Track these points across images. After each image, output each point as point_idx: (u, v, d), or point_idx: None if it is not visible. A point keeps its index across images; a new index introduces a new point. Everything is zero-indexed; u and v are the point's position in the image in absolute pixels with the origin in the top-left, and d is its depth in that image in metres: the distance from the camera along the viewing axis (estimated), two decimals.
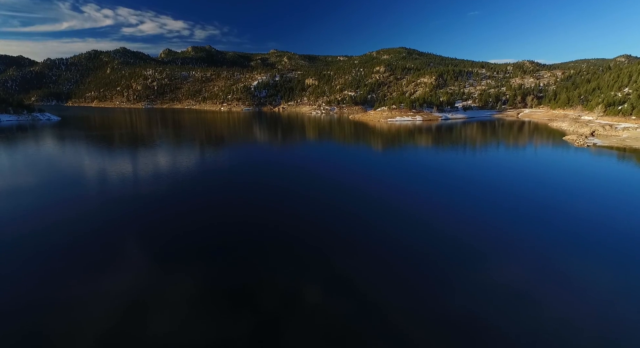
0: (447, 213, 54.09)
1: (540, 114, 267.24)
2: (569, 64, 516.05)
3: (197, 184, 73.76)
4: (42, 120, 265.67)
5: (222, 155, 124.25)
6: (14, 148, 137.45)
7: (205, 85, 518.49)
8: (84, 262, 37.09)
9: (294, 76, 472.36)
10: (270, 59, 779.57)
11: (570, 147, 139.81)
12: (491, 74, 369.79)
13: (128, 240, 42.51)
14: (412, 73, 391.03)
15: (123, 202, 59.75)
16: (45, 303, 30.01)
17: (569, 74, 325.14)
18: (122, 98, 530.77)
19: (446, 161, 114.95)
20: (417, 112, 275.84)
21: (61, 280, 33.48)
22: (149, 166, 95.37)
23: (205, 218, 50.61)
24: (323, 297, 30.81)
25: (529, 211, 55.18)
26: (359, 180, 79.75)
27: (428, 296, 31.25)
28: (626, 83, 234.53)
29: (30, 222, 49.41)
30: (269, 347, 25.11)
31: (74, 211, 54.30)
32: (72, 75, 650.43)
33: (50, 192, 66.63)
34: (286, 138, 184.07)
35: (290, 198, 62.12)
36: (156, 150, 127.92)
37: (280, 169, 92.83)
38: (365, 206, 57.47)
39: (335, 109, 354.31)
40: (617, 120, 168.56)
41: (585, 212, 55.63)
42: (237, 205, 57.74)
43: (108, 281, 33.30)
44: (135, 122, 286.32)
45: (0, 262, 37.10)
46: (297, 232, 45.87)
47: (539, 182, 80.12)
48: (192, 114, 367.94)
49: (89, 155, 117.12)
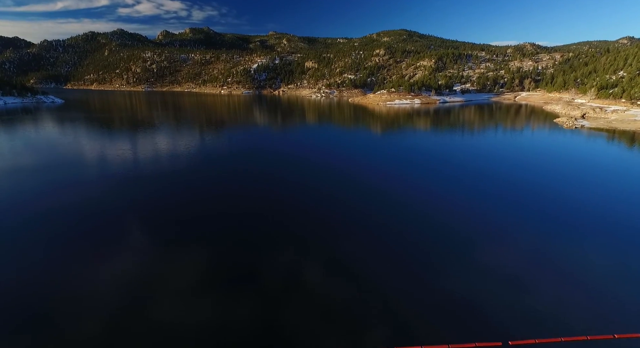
0: (438, 196, 59.69)
1: (537, 97, 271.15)
2: (571, 46, 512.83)
3: (199, 168, 78.61)
4: (47, 102, 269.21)
5: (225, 139, 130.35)
6: (26, 130, 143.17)
7: (205, 67, 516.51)
8: (90, 241, 40.83)
9: (294, 59, 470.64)
10: (270, 41, 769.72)
11: (559, 129, 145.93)
12: (490, 57, 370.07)
13: (133, 222, 47.28)
14: (412, 56, 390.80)
15: (131, 183, 65.89)
16: (52, 281, 33.20)
17: (568, 57, 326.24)
18: (122, 81, 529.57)
19: (440, 145, 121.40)
20: (415, 95, 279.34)
21: (67, 261, 36.80)
22: (155, 149, 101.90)
23: (207, 201, 55.21)
24: (323, 277, 34.35)
25: (513, 193, 60.98)
26: (355, 164, 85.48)
27: (424, 277, 34.92)
28: (621, 66, 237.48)
29: (47, 200, 56.47)
30: (270, 324, 27.86)
31: (89, 191, 60.64)
32: (69, 58, 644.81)
33: (62, 174, 73.03)
34: (286, 122, 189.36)
35: (289, 183, 66.67)
36: (161, 133, 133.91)
37: (280, 153, 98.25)
38: (362, 190, 62.34)
39: (335, 92, 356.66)
40: (608, 103, 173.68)
41: (564, 193, 62.00)
42: (237, 189, 62.19)
43: (111, 261, 36.32)
44: (138, 105, 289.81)
45: (11, 235, 42.56)
46: (296, 213, 50.24)
47: (525, 164, 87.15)
48: (193, 97, 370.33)
49: (98, 139, 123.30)
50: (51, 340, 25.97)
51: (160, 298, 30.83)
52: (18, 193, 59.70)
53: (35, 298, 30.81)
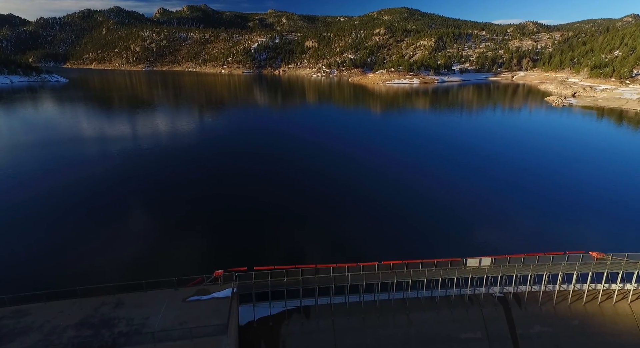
0: (426, 169, 69.20)
1: (534, 76, 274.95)
2: (575, 24, 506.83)
3: (204, 146, 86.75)
4: (51, 81, 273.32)
5: (230, 119, 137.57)
6: (43, 109, 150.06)
7: (204, 47, 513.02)
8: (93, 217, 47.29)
9: (294, 38, 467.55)
10: (269, 20, 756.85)
11: (548, 106, 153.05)
12: (491, 36, 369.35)
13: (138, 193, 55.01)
14: (413, 35, 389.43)
15: (144, 158, 74.72)
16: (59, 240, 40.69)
17: (567, 36, 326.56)
18: (122, 60, 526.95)
19: (432, 123, 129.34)
20: (414, 75, 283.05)
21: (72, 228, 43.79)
22: (161, 127, 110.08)
23: (212, 176, 63.22)
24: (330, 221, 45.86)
25: (492, 168, 69.94)
26: (353, 141, 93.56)
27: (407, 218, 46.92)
28: (617, 46, 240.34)
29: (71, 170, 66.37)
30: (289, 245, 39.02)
31: (102, 164, 69.70)
32: (67, 36, 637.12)
33: (84, 147, 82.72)
34: (287, 102, 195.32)
35: (290, 157, 74.87)
36: (168, 113, 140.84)
37: (281, 133, 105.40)
38: (358, 162, 71.20)
39: (335, 71, 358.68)
40: (599, 82, 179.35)
41: (534, 160, 72.66)
42: (241, 166, 69.51)
43: (115, 229, 43.24)
44: (141, 85, 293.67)
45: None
46: (295, 185, 58.06)
47: (509, 139, 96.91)
48: (194, 77, 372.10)
49: (109, 117, 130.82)
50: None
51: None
52: (50, 162, 69.17)
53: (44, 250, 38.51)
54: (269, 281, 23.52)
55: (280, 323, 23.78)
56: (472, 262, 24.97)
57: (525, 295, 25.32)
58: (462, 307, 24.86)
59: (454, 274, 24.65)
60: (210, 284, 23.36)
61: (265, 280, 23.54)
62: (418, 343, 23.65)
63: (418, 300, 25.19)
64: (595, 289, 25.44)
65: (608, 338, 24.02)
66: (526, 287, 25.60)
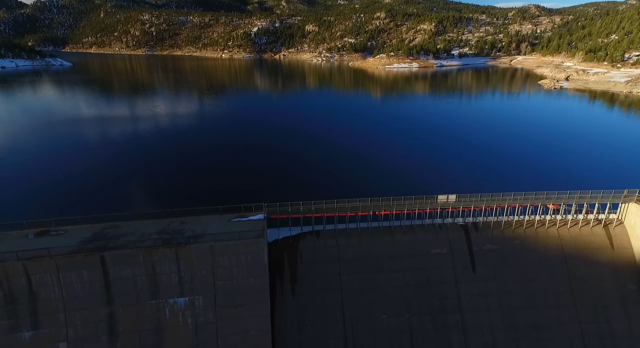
0: (414, 141, 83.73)
1: (531, 60, 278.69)
2: (578, 7, 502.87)
3: (209, 131, 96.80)
4: (55, 65, 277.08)
5: (235, 104, 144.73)
6: (54, 92, 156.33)
7: (204, 31, 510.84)
8: None
9: (294, 22, 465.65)
10: (268, 3, 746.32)
11: (540, 89, 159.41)
12: (491, 20, 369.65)
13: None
14: (413, 19, 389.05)
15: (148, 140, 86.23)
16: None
17: (567, 19, 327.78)
18: (121, 44, 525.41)
19: (421, 108, 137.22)
20: (414, 59, 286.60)
21: None
22: (165, 111, 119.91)
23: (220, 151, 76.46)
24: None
25: (474, 151, 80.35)
26: (351, 119, 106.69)
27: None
28: (614, 29, 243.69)
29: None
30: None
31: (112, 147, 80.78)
32: (65, 19, 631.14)
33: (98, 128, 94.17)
34: (287, 87, 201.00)
35: (297, 130, 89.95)
36: (170, 98, 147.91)
37: (284, 118, 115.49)
38: (357, 132, 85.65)
39: (336, 56, 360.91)
40: (592, 66, 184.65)
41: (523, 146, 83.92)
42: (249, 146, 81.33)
43: None
44: (141, 70, 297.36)
45: None
46: (303, 147, 73.15)
47: (498, 120, 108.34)
48: (195, 62, 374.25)
49: (118, 101, 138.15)
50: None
51: None
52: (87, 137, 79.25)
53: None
54: (289, 210, 31.69)
55: (297, 241, 32.15)
56: (442, 198, 33.03)
57: (481, 224, 33.57)
58: (433, 232, 33.17)
59: (427, 206, 32.81)
60: (247, 212, 31.62)
61: (286, 209, 31.70)
62: (400, 257, 32.09)
63: (400, 227, 33.47)
64: (533, 219, 33.65)
65: (540, 252, 32.49)
66: (482, 218, 33.86)
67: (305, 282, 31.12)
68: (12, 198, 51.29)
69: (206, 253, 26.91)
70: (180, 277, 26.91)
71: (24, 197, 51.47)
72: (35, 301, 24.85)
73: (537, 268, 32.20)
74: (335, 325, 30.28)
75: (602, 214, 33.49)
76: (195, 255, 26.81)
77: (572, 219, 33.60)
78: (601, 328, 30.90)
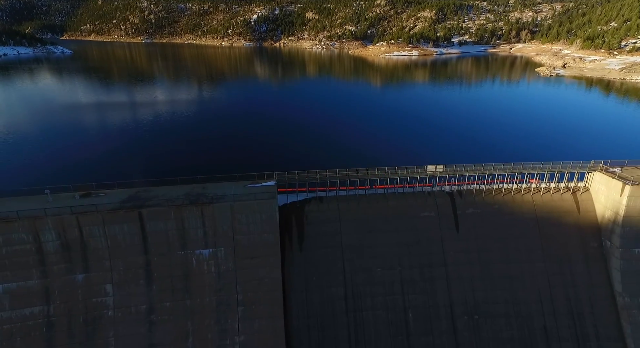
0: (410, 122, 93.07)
1: (531, 48, 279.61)
2: None
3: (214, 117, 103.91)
4: (56, 53, 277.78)
5: (243, 91, 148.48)
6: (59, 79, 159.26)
7: (204, 18, 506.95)
8: None
9: (294, 9, 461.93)
10: None
11: (537, 77, 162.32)
12: (492, 7, 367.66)
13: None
14: (413, 7, 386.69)
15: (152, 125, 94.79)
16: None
17: (568, 7, 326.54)
18: (120, 32, 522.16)
19: (420, 94, 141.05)
20: (413, 47, 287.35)
21: None
22: (178, 96, 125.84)
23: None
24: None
25: (461, 138, 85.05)
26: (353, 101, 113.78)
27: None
28: (614, 17, 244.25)
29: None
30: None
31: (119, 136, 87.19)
32: (62, 6, 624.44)
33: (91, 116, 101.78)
34: (288, 75, 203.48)
35: (302, 110, 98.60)
36: (170, 86, 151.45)
37: (288, 102, 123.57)
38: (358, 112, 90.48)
39: (336, 44, 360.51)
40: (589, 53, 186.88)
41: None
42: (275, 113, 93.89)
43: None
44: (142, 58, 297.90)
45: None
46: (308, 123, 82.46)
47: (492, 105, 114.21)
48: (195, 50, 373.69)
49: (134, 88, 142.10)
50: None
51: None
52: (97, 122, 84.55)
53: None
54: (297, 178, 36.21)
55: (304, 205, 36.81)
56: (431, 168, 37.50)
57: (465, 191, 38.16)
58: (423, 198, 37.79)
59: (418, 175, 37.35)
60: (259, 179, 36.17)
61: (294, 177, 36.20)
62: (394, 218, 36.80)
63: (394, 193, 38.08)
64: (511, 187, 38.20)
65: (515, 216, 37.20)
66: (465, 186, 38.45)
67: (311, 240, 35.93)
68: (58, 168, 62.54)
69: (226, 211, 31.55)
70: (205, 231, 31.64)
71: (68, 167, 63.01)
72: (86, 249, 29.62)
73: (513, 229, 36.99)
74: (336, 276, 35.21)
75: (572, 182, 38.08)
76: (218, 213, 31.47)
77: (544, 187, 38.21)
78: (565, 279, 35.85)
